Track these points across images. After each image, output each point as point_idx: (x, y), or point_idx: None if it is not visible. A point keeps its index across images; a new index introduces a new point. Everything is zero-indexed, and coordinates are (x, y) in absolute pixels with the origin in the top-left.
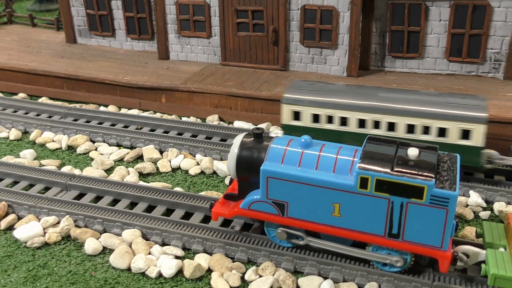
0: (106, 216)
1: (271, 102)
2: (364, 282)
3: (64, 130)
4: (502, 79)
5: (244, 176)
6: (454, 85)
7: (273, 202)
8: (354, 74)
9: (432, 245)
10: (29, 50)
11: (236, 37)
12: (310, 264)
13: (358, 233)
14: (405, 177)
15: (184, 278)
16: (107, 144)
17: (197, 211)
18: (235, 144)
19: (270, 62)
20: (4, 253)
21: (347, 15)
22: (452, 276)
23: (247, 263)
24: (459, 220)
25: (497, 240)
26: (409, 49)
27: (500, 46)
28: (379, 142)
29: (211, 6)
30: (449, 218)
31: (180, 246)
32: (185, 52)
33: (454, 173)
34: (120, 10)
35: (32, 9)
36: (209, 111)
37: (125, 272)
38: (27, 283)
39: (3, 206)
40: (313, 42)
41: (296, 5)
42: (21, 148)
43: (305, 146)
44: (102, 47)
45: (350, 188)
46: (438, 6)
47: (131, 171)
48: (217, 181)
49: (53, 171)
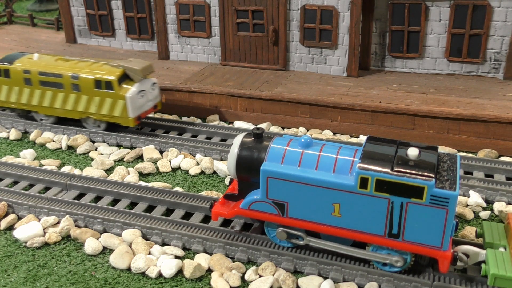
0: (106, 216)
1: (271, 102)
2: (364, 282)
3: (64, 130)
4: (502, 79)
5: (244, 176)
6: (454, 85)
7: (273, 202)
8: (354, 74)
9: (432, 245)
10: (29, 50)
11: (236, 37)
12: (310, 264)
13: (358, 233)
14: (405, 177)
15: (184, 278)
16: (107, 144)
17: (197, 211)
18: (235, 144)
19: (270, 62)
20: (4, 253)
21: (347, 15)
22: (452, 276)
23: (247, 263)
24: (459, 220)
25: (497, 240)
26: (409, 49)
27: (500, 46)
28: (379, 142)
29: (211, 6)
30: (449, 218)
31: (180, 246)
32: (185, 52)
33: (454, 173)
34: (120, 10)
35: (32, 9)
36: (209, 111)
37: (125, 272)
38: (27, 283)
39: (3, 206)
40: (313, 42)
41: (296, 5)
42: (21, 148)
43: (305, 146)
44: (102, 47)
45: (350, 188)
46: (438, 6)
47: (131, 171)
48: (217, 181)
49: (53, 171)
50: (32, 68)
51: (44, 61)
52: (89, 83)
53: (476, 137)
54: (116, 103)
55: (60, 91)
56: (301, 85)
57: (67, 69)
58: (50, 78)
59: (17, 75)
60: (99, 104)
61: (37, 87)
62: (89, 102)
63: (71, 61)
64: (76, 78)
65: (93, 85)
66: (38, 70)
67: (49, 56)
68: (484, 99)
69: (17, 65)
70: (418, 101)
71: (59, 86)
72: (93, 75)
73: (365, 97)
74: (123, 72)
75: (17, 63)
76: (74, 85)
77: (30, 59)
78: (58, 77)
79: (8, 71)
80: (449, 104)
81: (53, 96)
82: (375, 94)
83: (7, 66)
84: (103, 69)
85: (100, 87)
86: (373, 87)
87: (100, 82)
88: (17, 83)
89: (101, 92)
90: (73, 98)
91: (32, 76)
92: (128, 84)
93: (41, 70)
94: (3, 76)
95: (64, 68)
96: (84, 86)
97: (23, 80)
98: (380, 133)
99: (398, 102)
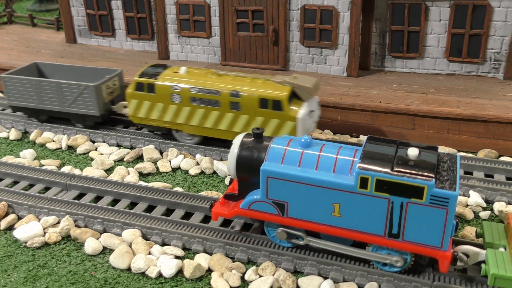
0: (106, 216)
1: None
2: (364, 282)
3: (64, 130)
4: (502, 79)
5: (244, 176)
6: (454, 85)
7: (273, 202)
8: (354, 74)
9: (432, 245)
10: (29, 50)
11: (236, 37)
12: (310, 264)
13: (358, 233)
14: (405, 177)
15: (184, 278)
16: (107, 144)
17: (197, 211)
18: (235, 144)
19: (270, 62)
20: (4, 253)
21: (347, 15)
22: (452, 276)
23: (247, 263)
24: (459, 220)
25: (497, 240)
26: (409, 49)
27: (500, 46)
28: (379, 142)
29: (211, 6)
30: (449, 218)
31: (180, 246)
32: (185, 52)
33: (454, 173)
34: (120, 10)
35: (32, 9)
36: None
37: (125, 272)
38: (27, 283)
39: (3, 206)
40: (313, 42)
41: (296, 5)
42: (21, 148)
43: (305, 146)
44: (102, 47)
45: (350, 188)
46: (438, 6)
47: (131, 171)
48: (217, 181)
49: (53, 171)
50: (183, 84)
51: (195, 75)
52: (252, 101)
53: (476, 137)
54: (284, 125)
55: (214, 109)
56: None
57: (225, 86)
58: (204, 95)
59: (164, 90)
60: (261, 125)
61: (186, 104)
62: (249, 123)
63: (225, 76)
64: (236, 95)
65: (258, 104)
66: (190, 86)
67: (197, 70)
68: (484, 99)
69: (164, 79)
70: (418, 101)
71: (214, 104)
72: (257, 93)
73: (365, 97)
74: (291, 90)
75: (162, 77)
76: (233, 103)
77: (176, 73)
78: (215, 94)
79: (153, 86)
80: (449, 104)
81: (205, 114)
82: (375, 94)
83: (152, 80)
84: (269, 86)
85: (265, 107)
86: (373, 87)
87: (266, 101)
88: (163, 99)
89: (267, 112)
90: (229, 118)
91: (182, 92)
92: (296, 103)
93: (194, 86)
94: (147, 91)
95: (222, 84)
96: (246, 105)
97: (170, 96)
98: (380, 133)
99: (398, 102)
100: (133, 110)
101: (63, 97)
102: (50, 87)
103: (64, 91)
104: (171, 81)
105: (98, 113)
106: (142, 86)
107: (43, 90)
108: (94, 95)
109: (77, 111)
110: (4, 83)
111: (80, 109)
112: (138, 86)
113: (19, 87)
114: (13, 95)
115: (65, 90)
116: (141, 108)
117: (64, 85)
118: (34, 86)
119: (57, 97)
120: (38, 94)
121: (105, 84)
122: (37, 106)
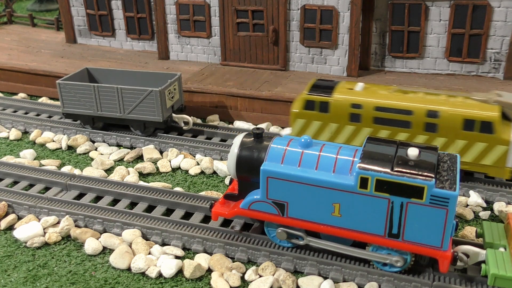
0: (106, 216)
1: (271, 102)
2: (364, 282)
3: (64, 130)
4: (502, 79)
5: (244, 176)
6: (454, 85)
7: (273, 202)
8: (354, 74)
9: (432, 245)
10: (29, 50)
11: (236, 37)
12: (310, 264)
13: (358, 233)
14: (405, 177)
15: (184, 278)
16: (107, 144)
17: (197, 211)
18: (235, 144)
19: (270, 62)
20: (4, 253)
21: (347, 15)
22: (452, 276)
23: (247, 263)
24: (459, 220)
25: (497, 240)
26: (409, 49)
27: (500, 46)
28: (379, 142)
29: (211, 6)
30: (449, 218)
31: (180, 246)
32: (185, 52)
33: (454, 173)
34: (120, 10)
35: (32, 9)
36: (209, 111)
37: (125, 272)
38: (27, 283)
39: (3, 206)
40: (313, 42)
41: (296, 5)
42: (21, 148)
43: (305, 146)
44: (102, 47)
45: (350, 188)
46: (438, 6)
47: (131, 171)
48: (217, 181)
49: (53, 171)
50: (365, 102)
51: (376, 93)
52: (455, 122)
53: None
54: (492, 149)
55: (404, 130)
56: (301, 85)
57: (419, 105)
58: (392, 115)
59: (341, 109)
60: (462, 149)
61: (367, 124)
62: (446, 146)
63: (412, 92)
64: (434, 116)
65: (461, 126)
66: (375, 104)
67: (375, 86)
68: None
69: (340, 97)
70: None
71: (403, 124)
72: (461, 113)
73: None
74: (501, 109)
75: (338, 94)
76: (429, 124)
77: (351, 89)
78: (406, 114)
79: (327, 105)
80: None
81: (390, 137)
82: None
83: (327, 98)
84: (474, 106)
85: (471, 129)
86: None
87: (473, 123)
88: (338, 119)
89: (472, 134)
90: (421, 140)
91: (365, 111)
92: (506, 125)
93: (380, 106)
94: (318, 110)
95: (415, 103)
96: (446, 126)
97: (349, 116)
98: None
99: None
100: (298, 131)
101: (124, 103)
102: (111, 93)
103: (125, 97)
104: (352, 100)
105: (161, 119)
106: (313, 105)
107: (102, 96)
108: (158, 100)
109: (138, 117)
110: (60, 89)
111: (141, 116)
112: (307, 105)
113: (76, 94)
114: (68, 102)
115: (127, 95)
116: (308, 129)
117: (126, 90)
118: (93, 92)
119: (117, 103)
120: (97, 101)
121: (167, 89)
122: (95, 113)
